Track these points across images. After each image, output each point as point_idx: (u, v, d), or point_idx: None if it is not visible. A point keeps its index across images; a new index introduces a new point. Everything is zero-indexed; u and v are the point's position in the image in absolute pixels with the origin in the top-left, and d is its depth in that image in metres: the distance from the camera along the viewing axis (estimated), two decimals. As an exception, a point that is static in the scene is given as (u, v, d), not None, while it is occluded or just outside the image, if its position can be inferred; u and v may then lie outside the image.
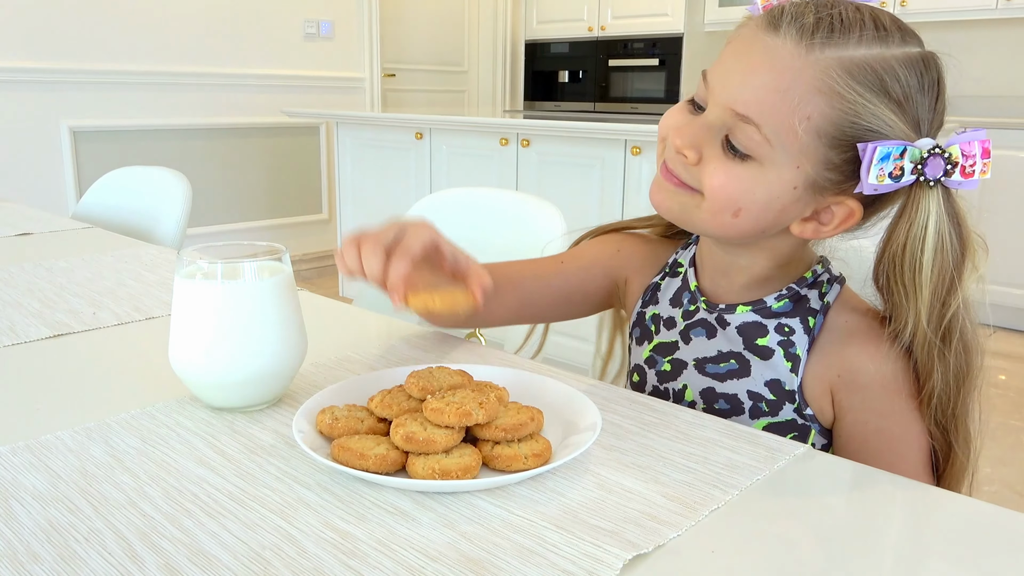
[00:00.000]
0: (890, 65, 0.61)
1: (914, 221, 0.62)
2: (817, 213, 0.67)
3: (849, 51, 0.61)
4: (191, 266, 0.62)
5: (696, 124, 0.66)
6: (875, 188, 0.61)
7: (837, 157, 0.63)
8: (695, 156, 0.66)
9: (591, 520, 0.49)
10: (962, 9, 3.82)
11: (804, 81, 0.61)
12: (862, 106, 0.61)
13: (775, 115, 0.62)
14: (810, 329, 0.71)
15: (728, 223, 0.67)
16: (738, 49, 0.66)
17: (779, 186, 0.64)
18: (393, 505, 0.51)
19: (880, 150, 0.60)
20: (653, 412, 0.66)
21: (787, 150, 0.63)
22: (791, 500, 0.53)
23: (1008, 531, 0.51)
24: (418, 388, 0.59)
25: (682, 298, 0.80)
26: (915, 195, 0.62)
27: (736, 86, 0.64)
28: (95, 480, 0.53)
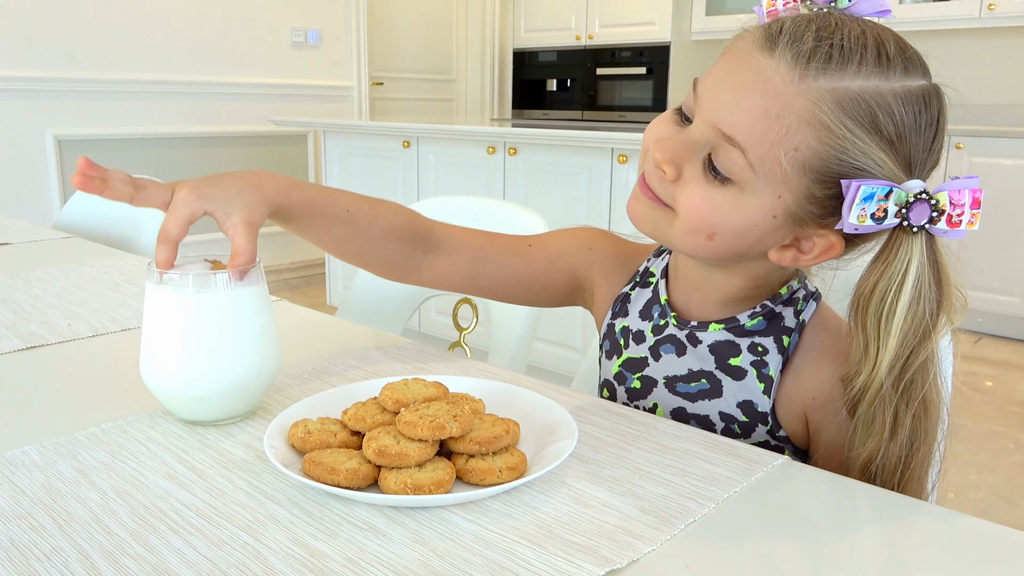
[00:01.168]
0: (886, 100, 0.58)
1: (890, 264, 0.59)
2: (798, 241, 0.65)
3: (845, 82, 0.58)
4: (162, 276, 0.61)
5: (679, 139, 0.64)
6: (855, 228, 0.58)
7: (820, 192, 0.60)
8: (674, 173, 0.63)
9: (565, 535, 0.48)
10: (946, 18, 3.85)
11: (794, 111, 0.58)
12: (851, 143, 0.58)
13: (762, 142, 0.59)
14: (784, 349, 0.70)
15: (702, 245, 0.64)
16: (731, 65, 0.63)
17: (758, 214, 0.62)
18: (364, 521, 0.50)
19: (864, 190, 0.57)
20: (631, 423, 0.65)
21: (770, 179, 0.60)
22: (769, 512, 0.53)
23: (986, 542, 0.50)
24: (392, 401, 0.58)
25: (652, 311, 0.77)
26: (896, 238, 0.59)
27: (725, 104, 0.61)
28: (60, 496, 0.52)
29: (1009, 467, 2.30)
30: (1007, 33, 3.88)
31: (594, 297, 0.85)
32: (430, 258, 0.82)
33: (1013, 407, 2.75)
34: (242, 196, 0.68)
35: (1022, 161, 3.39)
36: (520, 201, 2.74)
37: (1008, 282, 3.46)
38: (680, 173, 0.63)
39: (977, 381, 3.00)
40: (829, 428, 0.68)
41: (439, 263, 0.82)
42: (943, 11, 3.85)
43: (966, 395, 2.83)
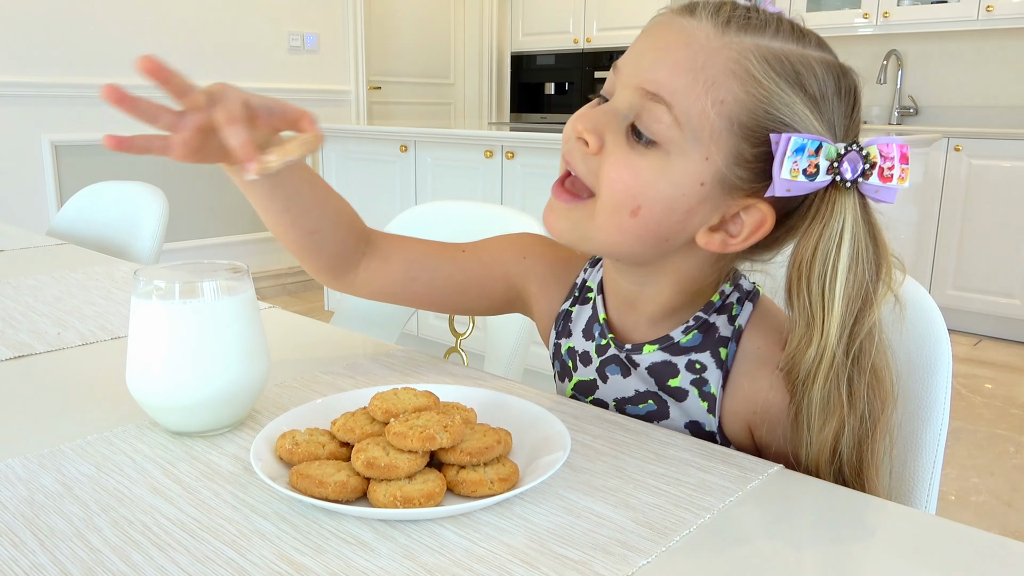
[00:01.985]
0: (808, 62, 0.58)
1: (828, 223, 0.57)
2: (725, 222, 0.62)
3: (766, 40, 0.58)
4: (148, 285, 0.60)
5: (600, 109, 0.62)
6: (788, 187, 0.57)
7: (749, 150, 0.58)
8: (596, 142, 0.60)
9: (558, 549, 0.47)
10: (944, 19, 3.85)
11: (719, 62, 0.57)
12: (777, 96, 0.57)
13: (687, 95, 0.58)
14: (723, 362, 0.66)
15: (627, 225, 0.61)
16: (652, 33, 0.62)
17: (685, 180, 0.59)
18: (352, 535, 0.49)
19: (795, 140, 0.56)
20: (625, 432, 0.64)
21: (697, 137, 0.58)
22: (765, 521, 0.52)
23: (984, 552, 0.49)
24: (382, 411, 0.57)
25: (593, 330, 0.74)
26: (830, 197, 0.58)
27: (648, 64, 0.60)
28: (42, 511, 0.51)
29: (1009, 470, 2.29)
30: (1005, 35, 3.87)
31: (533, 308, 0.82)
32: (366, 260, 0.79)
33: (1014, 410, 2.74)
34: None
35: (1021, 163, 3.38)
36: (518, 205, 2.73)
37: (1008, 284, 3.45)
38: (603, 142, 0.60)
39: (977, 384, 2.99)
40: (777, 441, 0.65)
41: (374, 265, 0.79)
42: (941, 13, 3.85)
43: (966, 398, 2.82)
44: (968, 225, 3.54)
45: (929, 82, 4.16)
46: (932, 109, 4.17)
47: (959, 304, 3.56)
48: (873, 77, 4.29)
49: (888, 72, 4.22)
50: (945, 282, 3.60)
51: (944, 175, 3.57)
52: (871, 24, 4.05)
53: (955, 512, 2.04)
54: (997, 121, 3.93)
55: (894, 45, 4.20)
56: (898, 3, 3.96)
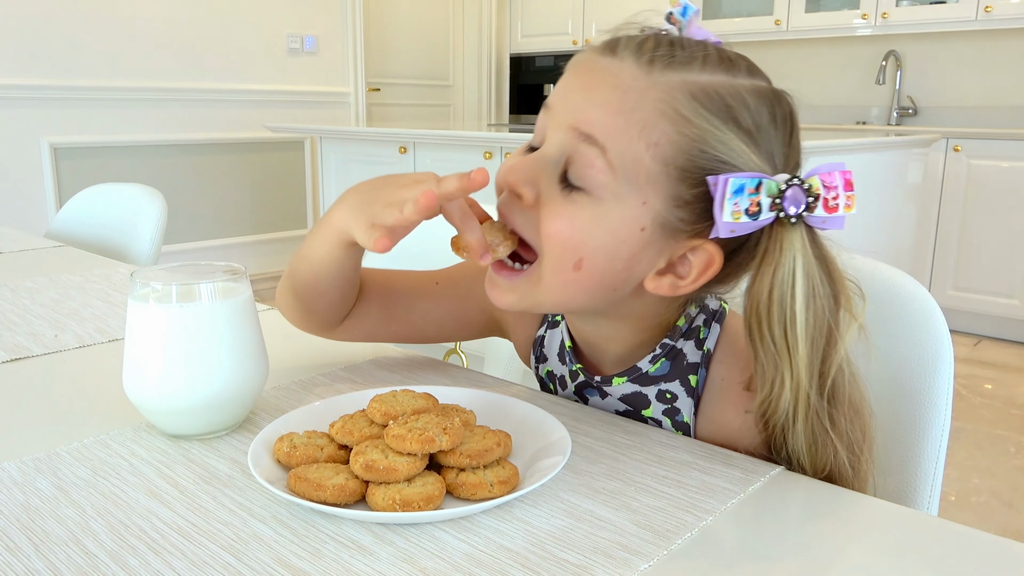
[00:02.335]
0: (739, 93, 0.56)
1: (779, 263, 0.54)
2: (672, 265, 0.59)
3: (693, 75, 0.55)
4: (144, 287, 0.60)
5: (531, 158, 0.59)
6: (731, 229, 0.54)
7: (687, 192, 0.56)
8: (531, 193, 0.57)
9: (559, 552, 0.47)
10: (943, 20, 3.85)
11: (648, 103, 0.55)
12: (711, 133, 0.55)
13: (621, 138, 0.55)
14: (693, 389, 0.65)
15: (571, 280, 0.58)
16: (577, 71, 0.60)
17: (624, 227, 0.56)
18: (351, 539, 0.48)
19: (733, 182, 0.53)
20: (625, 433, 0.63)
21: (632, 181, 0.55)
22: (766, 524, 0.51)
23: (986, 553, 0.49)
24: (380, 413, 0.57)
25: (565, 356, 0.72)
26: (776, 234, 0.55)
27: (579, 104, 0.57)
28: (38, 515, 0.51)
29: (1010, 471, 2.28)
30: (1004, 35, 3.87)
31: (510, 334, 0.80)
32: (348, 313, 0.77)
33: (1014, 410, 2.74)
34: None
35: (1020, 163, 3.38)
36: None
37: (1007, 284, 3.45)
38: (537, 193, 0.58)
39: (977, 384, 2.98)
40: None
41: (354, 314, 0.76)
42: (940, 13, 3.85)
43: (966, 398, 2.81)
44: (967, 225, 3.54)
45: (928, 83, 4.16)
46: (931, 110, 4.17)
47: (959, 304, 3.56)
48: (872, 78, 4.29)
49: (887, 73, 4.22)
50: (945, 282, 3.60)
51: (943, 175, 3.57)
52: (870, 25, 4.05)
53: (956, 513, 2.03)
54: (996, 121, 3.93)
55: (893, 46, 4.20)
56: (897, 4, 3.96)
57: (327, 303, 0.73)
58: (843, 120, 4.42)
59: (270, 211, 4.31)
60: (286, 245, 4.38)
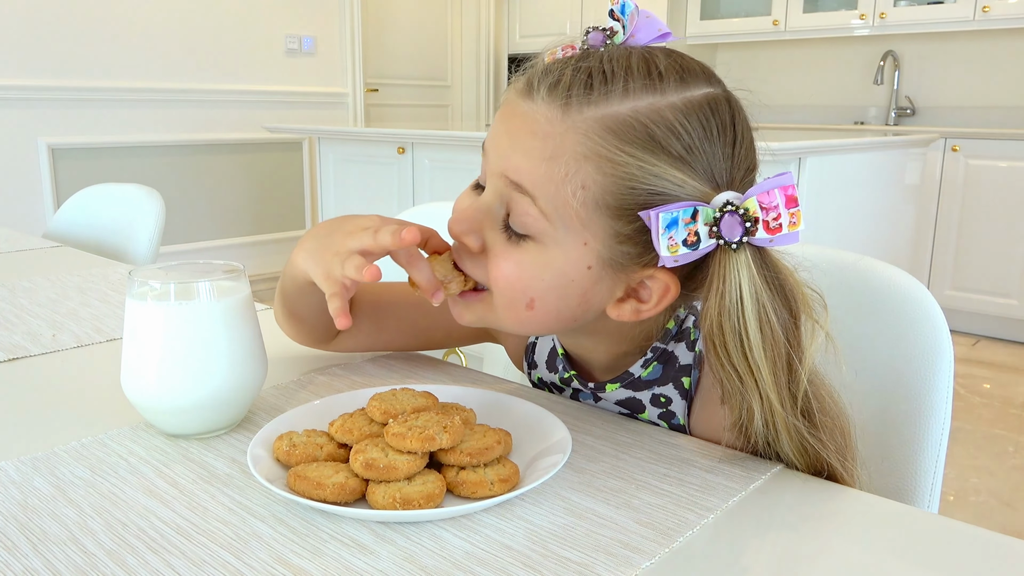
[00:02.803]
0: (663, 116, 0.53)
1: (724, 292, 0.53)
2: (633, 290, 0.59)
3: (612, 108, 0.53)
4: (142, 286, 0.60)
5: (474, 207, 0.59)
6: (675, 260, 0.53)
7: (626, 228, 0.55)
8: (477, 243, 0.58)
9: (560, 550, 0.47)
10: (941, 20, 3.85)
11: (567, 148, 0.54)
12: (637, 167, 0.53)
13: (547, 185, 0.54)
14: (687, 392, 0.65)
15: (526, 318, 0.58)
16: (504, 114, 0.59)
17: (569, 267, 0.56)
18: (351, 537, 0.48)
19: (663, 216, 0.52)
20: (626, 431, 0.63)
21: (568, 225, 0.55)
22: (767, 521, 0.51)
23: (985, 550, 0.49)
24: (380, 411, 0.57)
25: (556, 363, 0.72)
26: (720, 261, 0.53)
27: (506, 151, 0.57)
28: (36, 514, 0.50)
29: (1009, 470, 2.28)
30: (1002, 35, 3.88)
31: (501, 340, 0.81)
32: None
33: (1012, 409, 2.74)
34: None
35: (1018, 163, 3.38)
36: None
37: (1005, 284, 3.45)
38: (483, 241, 0.59)
39: (975, 384, 2.98)
40: None
41: (346, 332, 0.78)
42: (938, 13, 3.85)
43: (964, 398, 2.81)
44: (965, 225, 3.54)
45: (926, 83, 4.17)
46: (929, 109, 4.17)
47: (957, 304, 3.56)
48: (870, 78, 4.29)
49: (885, 73, 4.22)
50: (943, 282, 3.60)
51: (941, 175, 3.57)
52: (868, 25, 4.06)
53: (954, 512, 2.03)
54: (994, 121, 3.94)
55: (891, 46, 4.20)
56: (894, 4, 3.97)
57: (317, 322, 0.75)
58: (841, 120, 4.42)
59: (268, 212, 4.30)
60: (284, 246, 4.37)
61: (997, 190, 3.44)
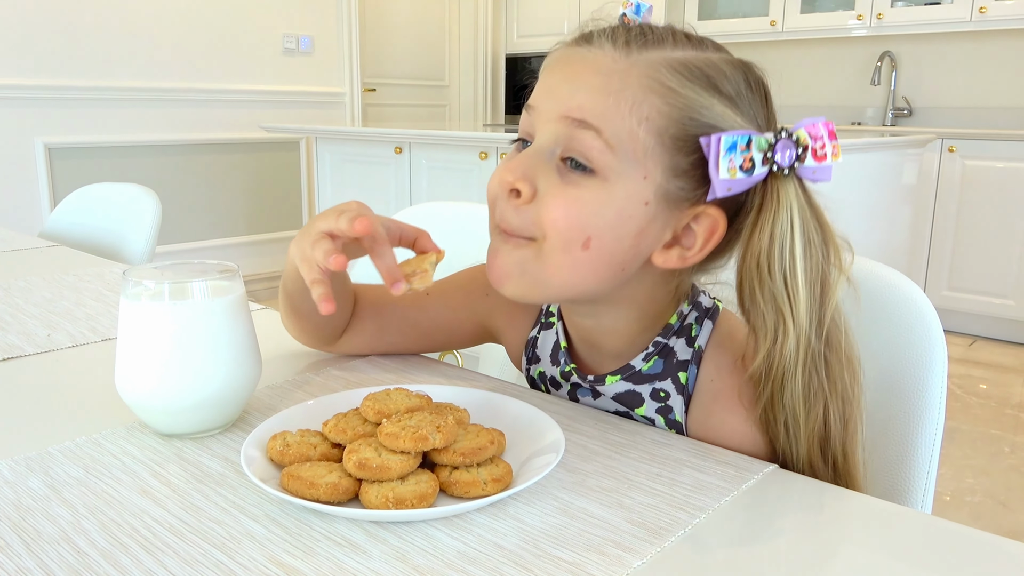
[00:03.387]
0: (714, 64, 0.59)
1: (777, 213, 0.56)
2: (677, 237, 0.61)
3: (668, 52, 0.58)
4: (136, 286, 0.60)
5: (524, 155, 0.60)
6: (728, 187, 0.56)
7: (684, 160, 0.58)
8: (529, 188, 0.58)
9: (552, 550, 0.47)
10: (938, 21, 3.86)
11: (634, 81, 0.57)
12: (696, 101, 0.57)
13: (613, 117, 0.57)
14: (683, 387, 0.65)
15: (580, 261, 0.59)
16: (557, 67, 0.61)
17: (629, 203, 0.58)
18: (344, 537, 0.48)
19: (726, 139, 0.55)
20: (619, 431, 0.63)
21: (631, 157, 0.57)
22: (759, 521, 0.51)
23: (979, 551, 0.49)
24: (374, 411, 0.57)
25: (559, 357, 0.73)
26: (772, 187, 0.57)
27: (566, 94, 0.59)
28: (30, 514, 0.50)
29: (1004, 470, 2.29)
30: (998, 36, 3.88)
31: (502, 339, 0.82)
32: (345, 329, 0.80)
33: (1008, 410, 2.74)
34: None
35: (1015, 164, 3.39)
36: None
37: (1001, 285, 3.45)
38: (535, 188, 0.59)
39: (972, 384, 2.99)
40: None
41: (350, 329, 0.80)
42: (935, 14, 3.86)
43: (961, 398, 2.82)
44: (962, 226, 3.55)
45: (923, 83, 4.17)
46: (926, 110, 4.18)
47: (954, 305, 3.57)
48: (867, 78, 4.30)
49: (882, 73, 4.23)
50: (940, 283, 3.60)
51: (938, 176, 3.57)
52: (865, 25, 4.06)
53: (950, 512, 2.04)
54: (991, 122, 3.94)
55: (888, 47, 4.21)
56: (892, 4, 3.97)
57: (321, 321, 0.76)
58: (839, 120, 4.42)
59: (265, 211, 4.30)
60: (281, 245, 4.37)
61: (994, 191, 3.45)
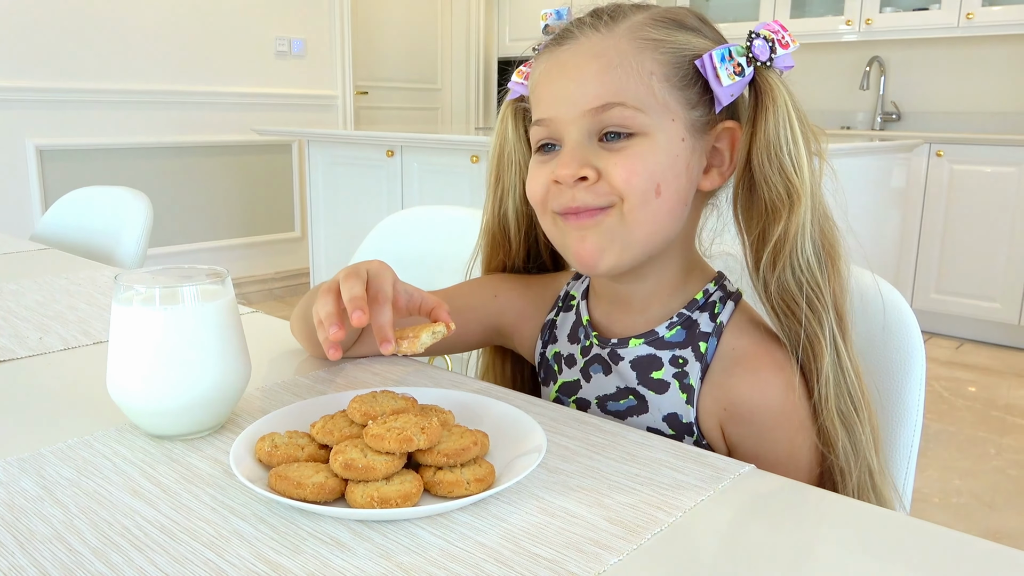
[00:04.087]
0: (670, 10, 0.70)
1: (775, 99, 0.66)
2: (710, 164, 0.70)
3: (634, 17, 0.68)
4: (128, 290, 0.61)
5: (567, 150, 0.67)
6: (731, 92, 0.66)
7: (692, 92, 0.67)
8: (593, 171, 0.66)
9: (532, 547, 0.48)
10: (925, 27, 3.89)
11: (625, 48, 0.66)
12: (679, 41, 0.67)
13: (627, 86, 0.65)
14: (702, 356, 0.71)
15: (658, 208, 0.67)
16: (553, 75, 0.69)
17: (671, 144, 0.67)
18: (330, 535, 0.49)
19: (716, 53, 0.66)
20: (600, 433, 0.65)
21: (657, 108, 0.66)
22: (735, 520, 0.53)
23: (957, 552, 0.50)
24: (360, 413, 0.58)
25: (578, 333, 0.79)
26: (762, 81, 0.67)
27: (578, 94, 0.66)
28: (23, 513, 0.51)
29: (991, 472, 2.31)
30: (985, 42, 3.92)
31: (513, 336, 0.86)
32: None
33: (994, 412, 2.77)
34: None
35: (1002, 168, 3.42)
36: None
37: (988, 288, 3.48)
38: (596, 168, 0.66)
39: (959, 387, 3.02)
40: (745, 441, 0.69)
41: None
42: (922, 20, 3.89)
43: (948, 400, 2.84)
44: (950, 230, 3.58)
45: (911, 88, 4.21)
46: (914, 115, 4.21)
47: (942, 308, 3.60)
48: (856, 83, 4.33)
49: (871, 78, 4.26)
50: (928, 286, 3.63)
51: (926, 180, 3.60)
52: (854, 31, 4.10)
53: (937, 514, 2.06)
54: (978, 127, 3.98)
55: (877, 51, 4.24)
56: (880, 10, 4.00)
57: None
58: (828, 124, 4.46)
59: (257, 214, 4.30)
60: (273, 248, 4.38)
61: (980, 195, 3.48)
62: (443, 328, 0.68)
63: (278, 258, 4.37)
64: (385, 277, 0.68)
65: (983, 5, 3.70)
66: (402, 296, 0.71)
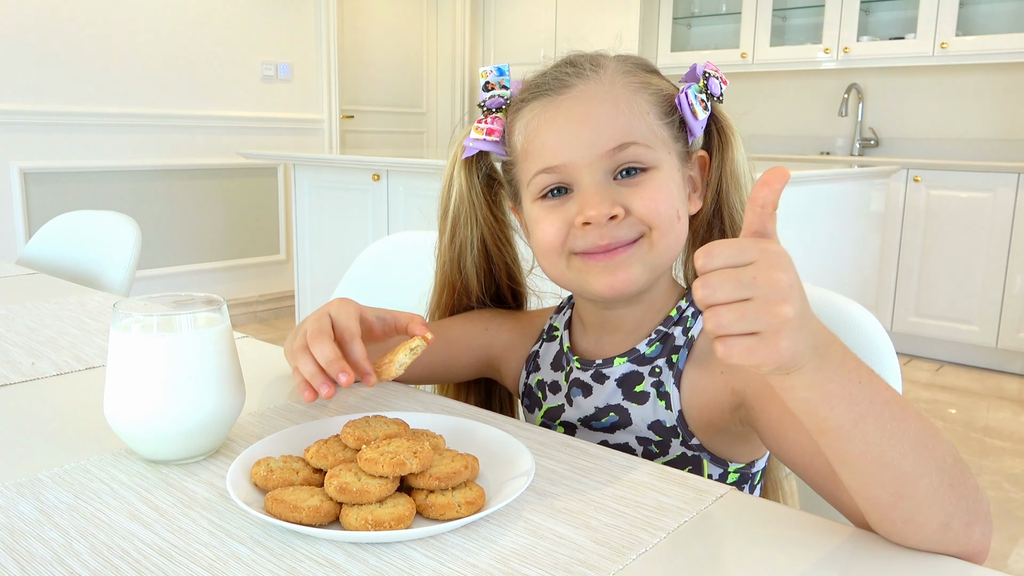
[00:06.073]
0: (636, 56, 0.78)
1: (733, 130, 0.77)
2: (689, 192, 0.78)
3: (616, 64, 0.75)
4: (127, 318, 0.62)
5: (590, 192, 0.71)
6: (702, 125, 0.75)
7: (674, 129, 0.75)
8: (621, 208, 0.70)
9: (522, 568, 0.50)
10: (901, 55, 3.99)
11: (624, 93, 0.72)
12: (656, 83, 0.75)
13: (634, 126, 0.71)
14: (674, 364, 0.76)
15: (679, 231, 0.73)
16: (558, 123, 0.73)
17: (674, 174, 0.74)
18: (325, 558, 0.51)
19: (690, 91, 0.74)
20: (587, 456, 0.67)
21: (659, 144, 0.73)
22: (718, 541, 0.55)
23: (932, 572, 0.52)
24: (353, 438, 0.60)
25: (561, 361, 0.83)
26: (719, 115, 0.78)
27: (591, 138, 0.71)
28: (22, 537, 0.53)
29: (969, 493, 2.34)
30: (960, 70, 4.02)
31: (501, 368, 0.89)
32: None
33: (974, 433, 2.81)
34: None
35: (977, 193, 3.50)
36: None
37: (966, 311, 3.54)
38: (622, 205, 0.71)
39: (939, 409, 3.06)
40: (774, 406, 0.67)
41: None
42: (899, 49, 3.99)
43: (928, 422, 2.88)
44: (928, 254, 3.64)
45: (889, 115, 4.30)
46: (892, 141, 4.30)
47: (920, 331, 3.65)
48: (835, 109, 4.41)
49: (849, 105, 4.35)
50: (907, 309, 3.69)
51: (904, 205, 3.67)
52: (832, 59, 4.18)
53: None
54: (954, 153, 4.06)
55: (855, 79, 4.33)
56: (858, 39, 4.10)
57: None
58: (807, 150, 4.54)
59: (243, 237, 4.31)
60: (259, 271, 4.38)
61: (957, 220, 3.55)
62: (420, 342, 0.72)
63: (263, 281, 4.37)
64: (348, 314, 0.73)
65: (957, 35, 3.80)
66: (376, 324, 0.76)
